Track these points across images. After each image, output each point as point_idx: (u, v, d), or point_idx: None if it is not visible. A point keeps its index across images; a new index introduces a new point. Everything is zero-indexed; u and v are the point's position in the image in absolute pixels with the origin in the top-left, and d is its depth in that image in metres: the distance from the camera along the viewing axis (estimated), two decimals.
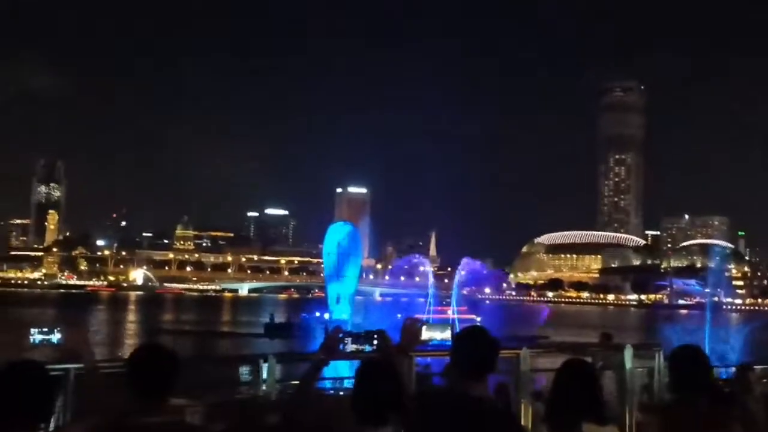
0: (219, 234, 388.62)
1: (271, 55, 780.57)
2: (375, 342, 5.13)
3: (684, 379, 5.43)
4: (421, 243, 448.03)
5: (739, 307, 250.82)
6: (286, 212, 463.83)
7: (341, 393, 10.83)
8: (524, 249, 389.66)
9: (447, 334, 30.13)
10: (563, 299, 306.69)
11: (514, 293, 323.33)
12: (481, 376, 4.70)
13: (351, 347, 5.15)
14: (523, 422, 9.23)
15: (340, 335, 5.03)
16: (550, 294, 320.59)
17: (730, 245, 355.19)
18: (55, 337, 5.85)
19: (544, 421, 5.12)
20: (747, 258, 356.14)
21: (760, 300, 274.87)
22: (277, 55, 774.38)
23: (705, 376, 5.54)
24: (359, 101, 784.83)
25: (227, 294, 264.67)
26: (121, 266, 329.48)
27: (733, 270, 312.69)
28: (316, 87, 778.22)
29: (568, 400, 4.95)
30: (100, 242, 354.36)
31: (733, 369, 13.14)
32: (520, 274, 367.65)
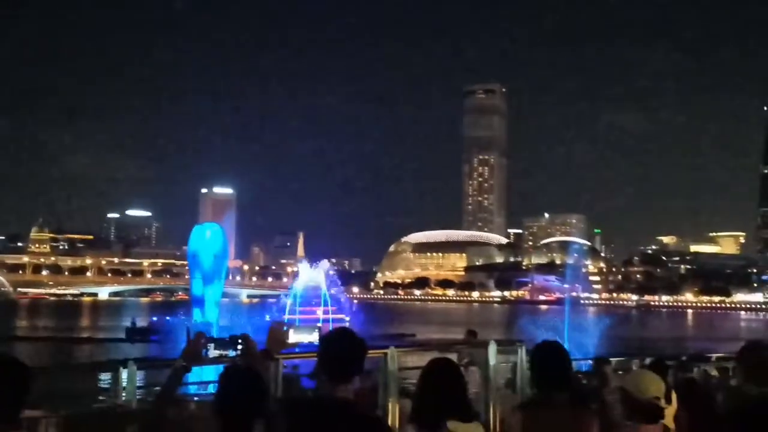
0: (77, 236, 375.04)
1: (134, 46, 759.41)
2: (239, 347, 4.98)
3: (545, 374, 5.53)
4: (288, 244, 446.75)
5: (595, 302, 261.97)
6: (149, 213, 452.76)
7: (203, 399, 10.58)
8: (391, 248, 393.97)
9: (315, 337, 30.11)
10: (430, 297, 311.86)
11: (381, 292, 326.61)
12: (348, 379, 4.63)
13: (214, 353, 4.98)
14: (390, 422, 9.27)
15: (203, 340, 4.86)
16: (417, 292, 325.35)
17: (587, 242, 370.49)
18: None
19: (411, 420, 5.11)
20: (603, 254, 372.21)
21: (615, 295, 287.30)
22: (141, 47, 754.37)
23: (565, 372, 5.65)
24: (225, 98, 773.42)
25: (86, 298, 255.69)
26: None
27: (590, 266, 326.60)
28: (182, 82, 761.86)
29: (434, 397, 4.97)
30: None
31: (591, 362, 13.67)
32: (387, 273, 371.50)
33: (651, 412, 5.44)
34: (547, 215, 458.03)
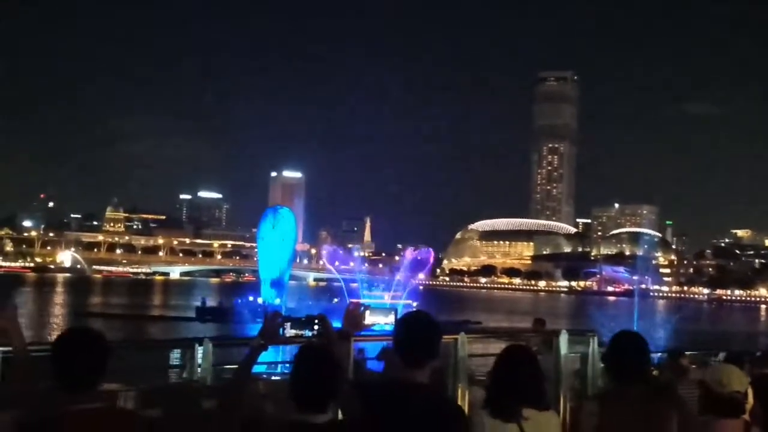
0: (150, 216, 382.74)
1: (207, 33, 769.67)
2: (316, 327, 4.99)
3: (623, 365, 5.37)
4: (356, 229, 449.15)
5: (665, 295, 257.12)
6: (220, 195, 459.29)
7: (274, 378, 10.67)
8: (458, 235, 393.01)
9: (391, 319, 30.03)
10: (496, 285, 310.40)
11: (447, 279, 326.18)
12: (424, 363, 4.59)
13: (290, 332, 5.00)
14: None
15: (280, 320, 4.87)
16: (483, 280, 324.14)
17: (657, 234, 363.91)
18: None
19: (485, 407, 5.05)
20: (674, 246, 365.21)
21: (686, 288, 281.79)
22: (214, 34, 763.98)
23: (644, 364, 5.52)
24: (295, 84, 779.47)
25: (158, 277, 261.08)
26: (48, 248, 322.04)
27: (661, 258, 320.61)
28: (253, 69, 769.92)
29: (510, 385, 4.90)
30: (26, 223, 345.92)
31: (664, 355, 13.39)
32: (453, 260, 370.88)
33: (733, 407, 5.32)
34: (617, 205, 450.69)
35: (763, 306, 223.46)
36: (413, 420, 4.36)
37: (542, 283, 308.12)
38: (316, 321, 4.96)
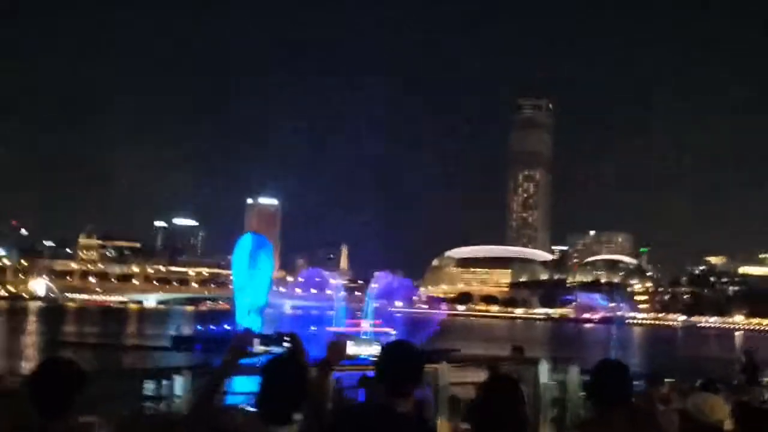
0: (125, 244, 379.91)
1: (180, 54, 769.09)
2: (285, 345, 4.99)
3: (606, 392, 5.38)
4: (332, 256, 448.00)
5: (641, 322, 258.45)
6: (195, 222, 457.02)
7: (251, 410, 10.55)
8: (435, 262, 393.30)
9: (375, 350, 29.90)
10: (473, 313, 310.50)
11: (425, 306, 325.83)
12: (407, 392, 4.58)
13: (259, 348, 4.98)
14: None
15: (251, 337, 4.88)
16: (460, 307, 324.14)
17: (633, 261, 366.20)
18: None
19: None
20: (649, 274, 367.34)
21: (661, 315, 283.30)
22: (198, 57, 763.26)
23: (627, 390, 5.53)
24: (273, 111, 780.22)
25: (132, 306, 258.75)
26: (21, 276, 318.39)
27: (636, 285, 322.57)
28: (231, 93, 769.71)
29: (495, 417, 4.87)
30: None
31: (642, 382, 13.41)
32: (430, 288, 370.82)
33: None
34: (592, 233, 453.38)
35: (738, 333, 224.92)
36: None
37: (519, 311, 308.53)
38: (286, 338, 4.98)
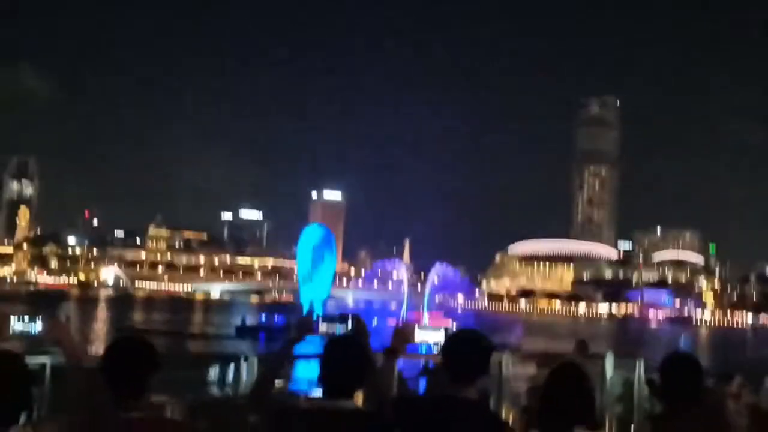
0: (192, 235, 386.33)
1: (250, 55, 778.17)
2: (349, 326, 5.05)
3: (677, 386, 5.24)
4: (395, 249, 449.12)
5: (708, 321, 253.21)
6: (261, 214, 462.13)
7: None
8: (497, 258, 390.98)
9: (440, 337, 29.94)
10: (536, 309, 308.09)
11: (486, 302, 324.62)
12: (473, 379, 4.57)
13: (323, 327, 5.07)
14: None
15: (315, 317, 4.97)
16: (522, 303, 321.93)
17: (701, 258, 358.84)
18: (36, 326, 5.64)
19: (534, 426, 4.98)
20: (717, 272, 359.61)
21: (729, 314, 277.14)
22: (257, 55, 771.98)
23: (699, 384, 5.40)
24: (338, 104, 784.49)
25: (198, 295, 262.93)
26: (92, 265, 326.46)
27: (703, 284, 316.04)
28: (296, 88, 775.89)
29: (561, 402, 4.82)
30: (71, 240, 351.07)
31: (712, 379, 13.15)
32: (493, 283, 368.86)
33: None
34: (659, 230, 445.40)
35: None
36: None
37: (582, 308, 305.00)
38: (350, 320, 5.04)
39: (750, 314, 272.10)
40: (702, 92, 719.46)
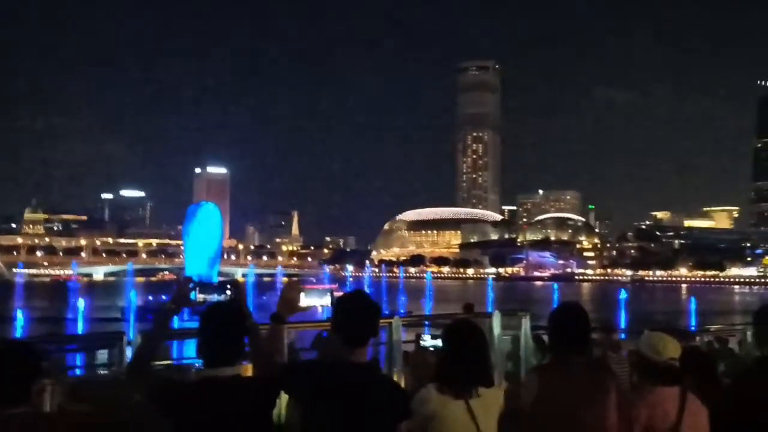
0: (71, 217, 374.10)
1: (125, 25, 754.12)
2: (228, 293, 4.93)
3: (565, 336, 5.27)
4: (283, 223, 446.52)
5: (590, 277, 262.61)
6: (143, 193, 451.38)
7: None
8: (386, 226, 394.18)
9: (327, 301, 29.69)
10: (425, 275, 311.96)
11: (377, 270, 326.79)
12: (364, 342, 4.51)
13: (200, 297, 4.92)
14: None
15: (191, 285, 4.83)
16: (412, 270, 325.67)
17: (581, 218, 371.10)
18: None
19: (433, 381, 4.93)
20: (597, 230, 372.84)
21: (609, 270, 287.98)
22: (131, 24, 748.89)
23: (586, 334, 5.46)
24: (220, 80, 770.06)
25: (81, 279, 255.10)
26: None
27: (584, 242, 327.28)
28: (175, 65, 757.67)
29: (465, 362, 4.84)
30: None
31: (595, 330, 13.59)
32: (382, 251, 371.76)
33: (669, 374, 5.29)
34: (541, 192, 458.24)
35: (684, 285, 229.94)
36: (357, 397, 4.28)
37: (470, 271, 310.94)
38: (229, 287, 4.93)
39: (629, 270, 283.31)
40: (578, 53, 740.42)
